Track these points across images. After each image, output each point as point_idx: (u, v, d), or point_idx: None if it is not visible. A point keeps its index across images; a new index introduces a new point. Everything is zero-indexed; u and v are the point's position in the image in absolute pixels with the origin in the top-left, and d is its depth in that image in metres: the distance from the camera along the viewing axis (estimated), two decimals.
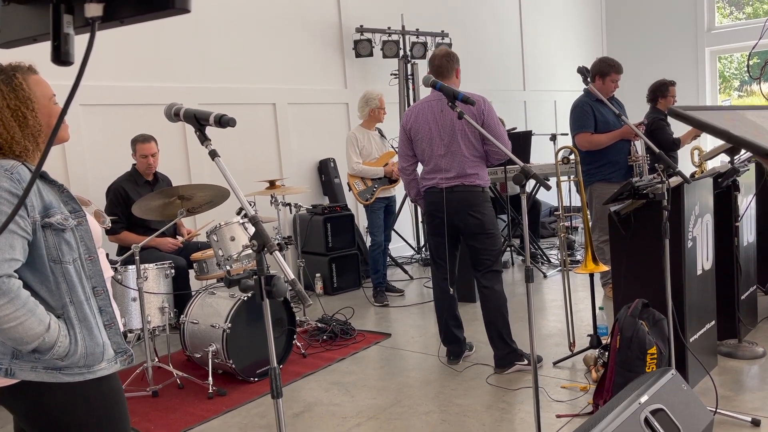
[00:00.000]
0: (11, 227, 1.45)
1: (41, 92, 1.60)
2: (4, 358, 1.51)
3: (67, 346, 1.52)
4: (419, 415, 3.11)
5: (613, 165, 4.69)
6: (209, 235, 3.82)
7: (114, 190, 4.31)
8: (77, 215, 1.60)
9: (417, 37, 6.78)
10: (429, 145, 3.55)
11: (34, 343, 1.47)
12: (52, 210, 1.54)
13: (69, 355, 1.53)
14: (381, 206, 5.27)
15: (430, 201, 3.60)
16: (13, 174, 1.49)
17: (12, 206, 1.45)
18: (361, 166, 5.15)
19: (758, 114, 1.01)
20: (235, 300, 3.63)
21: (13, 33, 0.86)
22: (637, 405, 2.13)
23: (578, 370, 3.51)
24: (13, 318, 1.42)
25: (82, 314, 1.56)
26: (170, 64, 5.15)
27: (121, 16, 0.74)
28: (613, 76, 4.66)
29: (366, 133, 5.25)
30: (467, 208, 3.52)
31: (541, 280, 5.66)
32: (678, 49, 9.51)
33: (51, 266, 1.53)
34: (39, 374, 1.52)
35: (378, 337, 4.34)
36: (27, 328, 1.44)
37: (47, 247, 1.52)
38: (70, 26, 0.77)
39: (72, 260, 1.56)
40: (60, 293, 1.54)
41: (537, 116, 8.88)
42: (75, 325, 1.55)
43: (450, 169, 3.51)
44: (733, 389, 3.10)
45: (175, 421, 3.23)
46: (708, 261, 3.30)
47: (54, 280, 1.53)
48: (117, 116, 4.82)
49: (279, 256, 1.47)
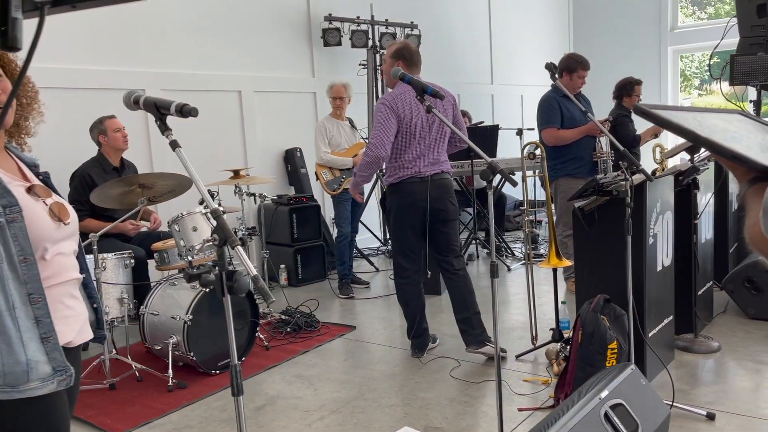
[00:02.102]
0: None
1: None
2: None
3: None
4: (383, 408, 3.11)
5: (579, 161, 4.75)
6: (171, 224, 3.74)
7: (79, 176, 4.17)
8: (11, 210, 1.40)
9: (386, 27, 6.74)
10: (418, 134, 3.53)
11: None
12: None
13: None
14: (349, 197, 5.24)
15: (408, 191, 3.56)
16: None
17: None
18: (329, 156, 5.11)
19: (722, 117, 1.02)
20: (196, 291, 3.56)
21: None
22: (598, 400, 2.16)
23: (540, 364, 3.55)
24: None
25: (0, 326, 1.36)
26: (133, 48, 5.01)
27: (72, 1, 0.70)
28: (580, 72, 4.71)
29: (335, 123, 5.21)
30: (447, 195, 3.63)
31: (505, 273, 5.71)
32: (642, 47, 9.67)
33: None
34: None
35: (342, 330, 4.32)
36: None
37: None
38: (18, 10, 0.73)
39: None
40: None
41: (504, 110, 8.94)
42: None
43: (432, 157, 3.56)
44: (689, 383, 3.18)
45: (134, 414, 3.16)
46: (668, 257, 3.37)
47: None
48: (76, 100, 4.67)
49: (242, 252, 1.43)
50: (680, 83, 10.12)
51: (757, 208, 0.74)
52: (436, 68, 7.66)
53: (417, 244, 3.65)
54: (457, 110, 3.63)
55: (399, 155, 3.55)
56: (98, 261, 3.44)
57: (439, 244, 3.65)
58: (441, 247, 3.66)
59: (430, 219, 3.58)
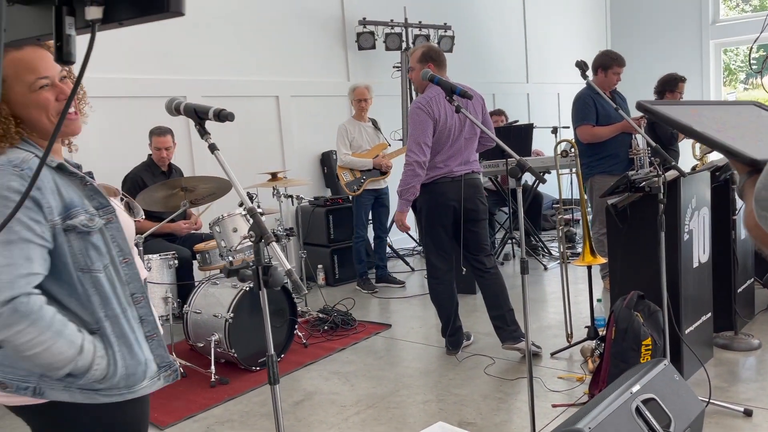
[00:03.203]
0: (26, 235, 1.24)
1: (15, 73, 1.31)
2: (30, 375, 1.30)
3: (104, 368, 1.33)
4: (417, 404, 3.16)
5: (614, 158, 4.71)
6: (212, 226, 3.87)
7: (132, 178, 4.38)
8: (106, 211, 1.38)
9: (420, 29, 6.79)
10: (453, 136, 3.58)
11: (65, 368, 1.28)
12: (75, 210, 1.32)
13: (107, 378, 1.34)
14: (370, 199, 5.34)
15: (441, 191, 3.60)
16: (24, 170, 1.27)
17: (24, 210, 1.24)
18: (349, 158, 5.21)
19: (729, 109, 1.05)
20: (237, 290, 3.68)
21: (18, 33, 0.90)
22: (629, 394, 2.17)
23: (575, 361, 3.55)
24: (38, 343, 1.23)
25: (119, 330, 1.36)
26: (174, 57, 5.19)
27: (120, 18, 0.78)
28: (616, 69, 4.68)
29: (357, 125, 5.31)
30: (478, 195, 3.67)
31: (542, 273, 5.69)
32: (682, 41, 9.49)
33: (78, 276, 1.32)
34: (73, 394, 1.32)
35: (378, 328, 4.39)
36: (55, 353, 1.25)
37: (72, 254, 1.31)
38: (71, 27, 0.81)
39: (103, 267, 1.35)
40: (92, 307, 1.33)
41: (540, 109, 8.89)
42: (113, 343, 1.35)
43: (464, 157, 3.61)
44: (727, 380, 3.14)
45: (178, 408, 3.29)
46: (705, 254, 3.33)
47: (83, 292, 1.32)
48: (122, 108, 4.86)
49: (276, 247, 1.51)
50: (725, 77, 9.87)
51: (752, 198, 0.78)
52: (470, 68, 7.68)
53: (449, 244, 3.69)
54: (485, 110, 3.67)
55: (431, 156, 3.61)
56: (144, 262, 3.59)
57: (470, 243, 3.69)
58: (472, 246, 3.70)
59: (457, 219, 3.62)
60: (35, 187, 1.26)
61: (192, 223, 4.51)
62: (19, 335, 1.22)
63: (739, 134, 0.96)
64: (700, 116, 0.98)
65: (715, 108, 1.08)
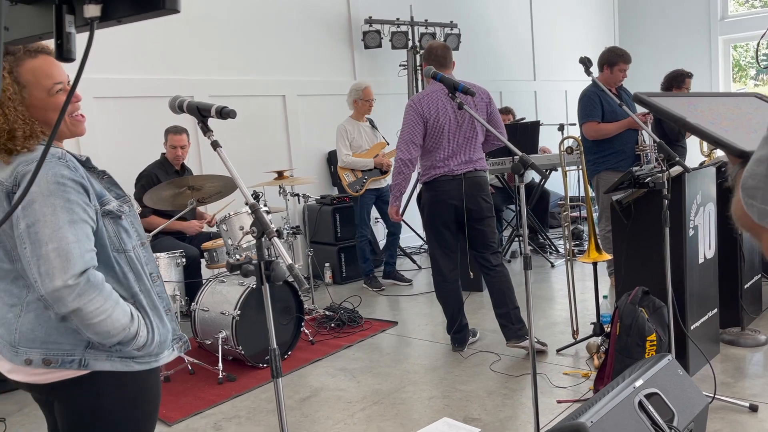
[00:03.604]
0: (84, 216, 1.40)
1: (35, 80, 1.45)
2: (75, 348, 1.43)
3: (146, 335, 1.48)
4: (423, 400, 3.18)
5: (621, 154, 4.70)
6: (219, 225, 3.90)
7: (146, 176, 4.44)
8: (123, 200, 1.55)
9: (426, 27, 6.80)
10: (447, 133, 3.59)
11: (120, 335, 1.42)
12: (105, 197, 1.48)
13: (147, 345, 1.49)
14: (371, 198, 5.37)
15: (441, 190, 3.62)
16: (68, 162, 1.42)
17: (79, 195, 1.39)
18: (350, 158, 5.23)
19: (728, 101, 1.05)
20: (244, 288, 3.71)
21: (21, 32, 0.93)
22: (632, 389, 2.17)
23: (581, 358, 3.55)
24: (103, 311, 1.38)
25: (151, 302, 1.53)
26: (183, 57, 5.23)
27: (118, 16, 0.80)
28: (621, 65, 4.67)
29: (356, 125, 5.33)
30: (480, 193, 3.64)
31: (549, 270, 5.69)
32: (691, 37, 9.44)
33: (115, 256, 1.47)
34: (114, 363, 1.46)
35: (385, 325, 4.41)
36: (114, 320, 1.40)
37: (109, 237, 1.47)
38: (71, 25, 0.84)
39: (133, 248, 1.52)
40: (128, 283, 1.49)
41: (547, 106, 8.88)
42: (149, 313, 1.51)
43: (464, 155, 3.60)
44: (733, 376, 3.13)
45: (186, 404, 3.32)
46: (710, 249, 3.33)
47: (120, 270, 1.48)
48: (130, 108, 4.91)
49: (278, 242, 1.53)
50: (735, 74, 9.81)
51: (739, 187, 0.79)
52: (477, 66, 7.68)
53: (452, 242, 3.70)
54: (493, 107, 3.65)
55: (430, 154, 3.63)
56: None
57: (475, 241, 3.70)
58: (477, 244, 3.70)
59: (459, 218, 3.63)
60: (80, 176, 1.42)
61: (204, 223, 4.56)
62: (90, 303, 1.36)
63: (734, 126, 0.97)
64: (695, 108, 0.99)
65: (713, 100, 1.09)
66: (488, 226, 3.69)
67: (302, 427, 2.99)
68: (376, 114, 5.56)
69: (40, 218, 1.35)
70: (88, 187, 1.43)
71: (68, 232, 1.36)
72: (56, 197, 1.36)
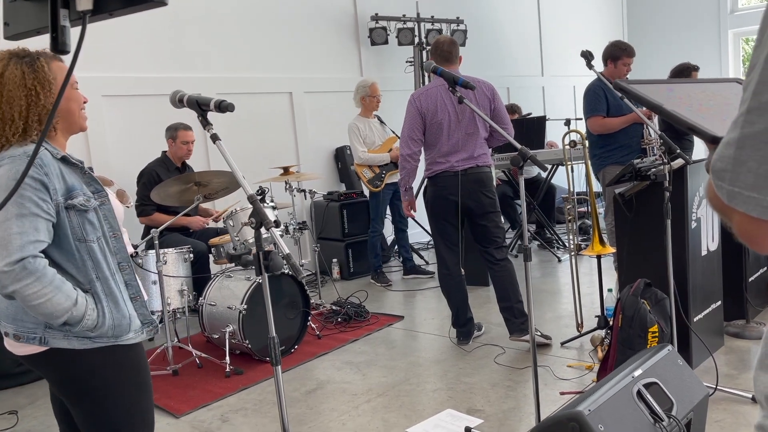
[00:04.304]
0: (34, 210, 1.54)
1: (62, 77, 1.66)
2: (37, 327, 1.62)
3: (95, 318, 1.62)
4: (427, 392, 3.21)
5: (626, 148, 4.70)
6: (225, 220, 3.95)
7: (147, 173, 4.49)
8: (99, 195, 1.69)
9: (432, 24, 6.82)
10: (446, 129, 3.61)
11: (63, 317, 1.57)
12: (75, 192, 1.62)
13: (97, 327, 1.63)
14: (389, 194, 5.39)
15: (442, 185, 3.66)
16: (35, 160, 1.56)
17: (34, 191, 1.54)
18: (367, 155, 5.26)
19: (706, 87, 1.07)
20: (250, 283, 3.75)
21: (20, 26, 0.97)
22: (631, 378, 2.19)
23: (585, 350, 3.57)
24: (41, 295, 1.53)
25: (107, 289, 1.66)
26: (189, 55, 5.28)
27: (109, 9, 0.84)
28: (625, 59, 4.67)
29: (366, 122, 5.36)
30: (481, 189, 3.65)
31: (556, 265, 5.70)
32: (700, 31, 9.38)
33: (76, 245, 1.62)
34: (71, 341, 1.63)
35: (391, 320, 4.44)
36: (55, 304, 1.54)
37: (71, 227, 1.61)
38: (65, 19, 0.88)
39: (96, 238, 1.65)
40: (86, 270, 1.64)
41: (555, 102, 8.86)
42: (102, 299, 1.65)
43: (465, 151, 3.61)
44: (737, 368, 3.14)
45: (194, 397, 3.37)
46: (713, 242, 3.33)
47: (80, 258, 1.63)
48: (138, 106, 4.97)
49: (275, 233, 1.57)
50: (744, 68, 9.74)
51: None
52: (484, 62, 7.68)
53: (455, 236, 3.72)
54: (496, 103, 3.64)
55: (432, 149, 3.66)
56: (160, 255, 3.67)
57: (479, 236, 3.72)
58: (481, 239, 3.72)
59: (465, 213, 3.65)
60: (44, 173, 1.57)
61: (209, 219, 4.61)
62: (26, 288, 1.52)
63: (711, 112, 0.99)
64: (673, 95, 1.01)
65: (693, 86, 1.11)
66: (491, 221, 3.69)
67: (307, 419, 3.03)
68: (383, 110, 5.59)
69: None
70: (48, 184, 1.57)
71: (13, 224, 1.51)
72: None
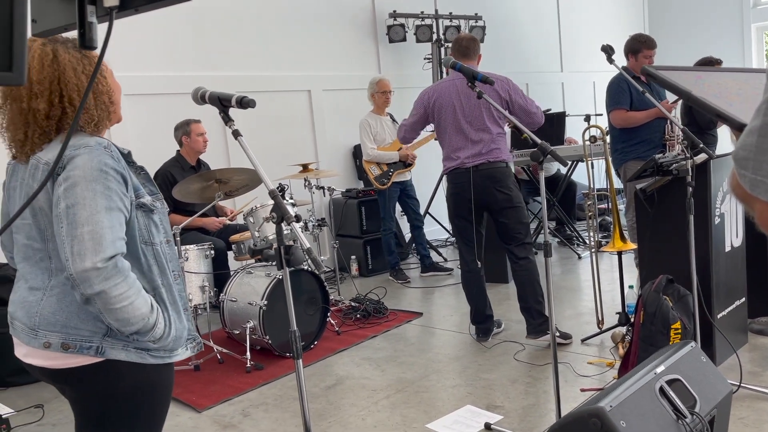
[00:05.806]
0: (119, 205, 1.45)
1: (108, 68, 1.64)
2: (94, 336, 1.47)
3: (163, 328, 1.50)
4: (446, 389, 3.21)
5: (648, 143, 4.64)
6: (246, 217, 3.98)
7: (162, 174, 4.52)
8: (156, 197, 1.60)
9: (450, 20, 6.79)
10: (454, 124, 3.60)
11: (139, 323, 1.44)
12: (140, 191, 1.54)
13: (163, 338, 1.51)
14: (396, 192, 5.40)
15: (456, 182, 3.65)
16: (113, 152, 1.48)
17: (119, 185, 1.45)
18: (376, 152, 5.27)
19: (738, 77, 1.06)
20: (271, 279, 3.77)
21: (47, 23, 0.99)
22: (653, 375, 2.17)
23: (606, 347, 3.54)
24: (126, 297, 1.41)
25: (171, 297, 1.56)
26: (210, 54, 5.33)
27: (135, 6, 0.85)
28: (645, 52, 4.61)
29: (378, 119, 5.37)
30: (495, 185, 3.60)
31: (576, 262, 5.66)
32: (722, 25, 9.23)
33: (142, 248, 1.52)
34: (129, 354, 1.49)
35: (410, 316, 4.45)
36: (135, 308, 1.42)
37: (139, 228, 1.52)
38: (93, 15, 0.89)
39: (160, 242, 1.56)
40: (152, 275, 1.53)
41: (575, 98, 8.78)
42: (168, 307, 1.54)
43: (475, 147, 3.58)
44: (761, 365, 3.09)
45: (215, 392, 3.41)
46: (738, 238, 3.28)
47: (145, 262, 1.52)
48: (160, 105, 5.02)
49: (296, 227, 1.58)
50: None
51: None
52: (503, 58, 7.64)
53: (470, 232, 3.70)
54: (513, 96, 3.57)
55: (443, 145, 3.68)
56: (181, 252, 3.71)
57: (501, 233, 3.70)
58: (503, 235, 3.70)
59: (482, 209, 3.63)
60: (122, 167, 1.48)
61: (225, 219, 4.61)
62: (115, 288, 1.39)
63: (740, 100, 0.98)
64: (702, 82, 1.00)
65: (722, 75, 1.10)
66: (510, 217, 3.64)
67: (327, 414, 3.05)
68: (401, 107, 5.59)
69: (80, 201, 1.40)
70: (128, 179, 1.49)
71: (104, 218, 1.40)
72: (98, 183, 1.42)
